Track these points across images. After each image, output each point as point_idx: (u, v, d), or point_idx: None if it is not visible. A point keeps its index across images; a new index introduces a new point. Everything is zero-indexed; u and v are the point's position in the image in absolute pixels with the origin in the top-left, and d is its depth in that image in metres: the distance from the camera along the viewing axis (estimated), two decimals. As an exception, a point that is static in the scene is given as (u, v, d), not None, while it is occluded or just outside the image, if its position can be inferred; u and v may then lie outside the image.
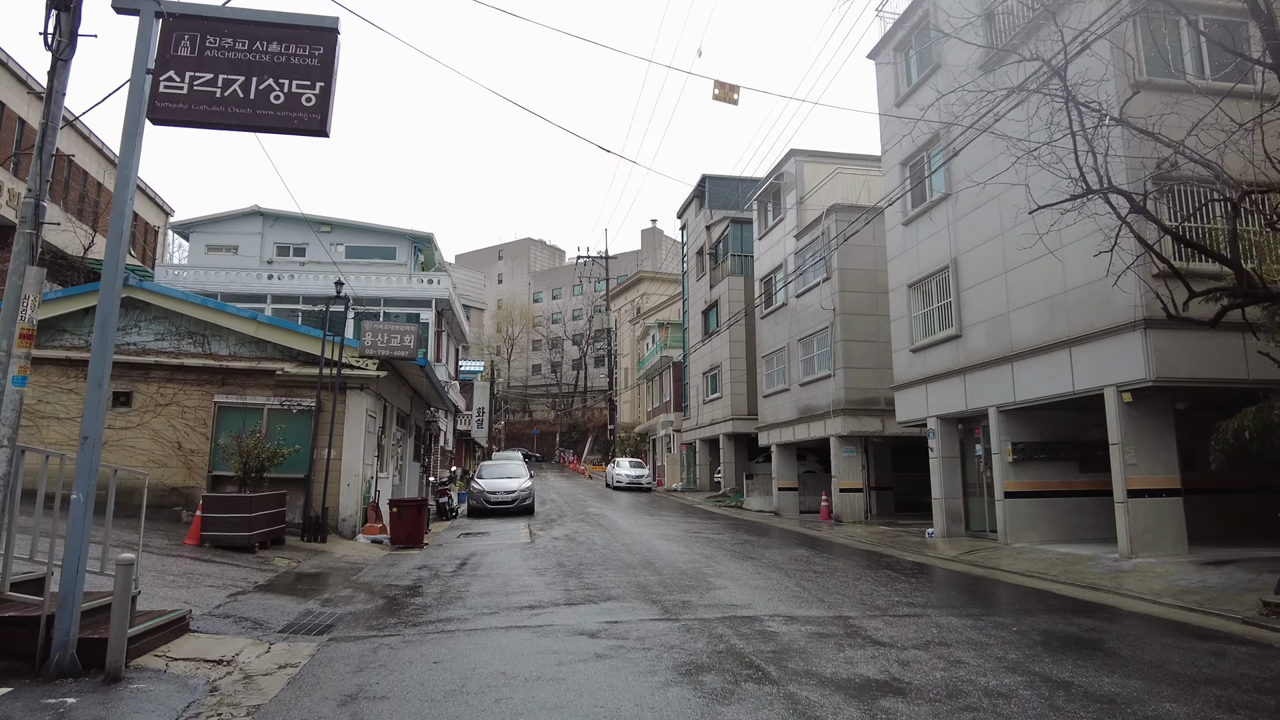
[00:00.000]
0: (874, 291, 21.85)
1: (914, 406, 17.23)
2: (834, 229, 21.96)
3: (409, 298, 28.56)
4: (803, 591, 9.29)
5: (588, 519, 20.58)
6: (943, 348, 16.11)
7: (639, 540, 15.26)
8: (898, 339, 18.01)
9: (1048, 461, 14.34)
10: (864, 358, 21.53)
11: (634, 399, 57.26)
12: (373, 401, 15.85)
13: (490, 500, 22.08)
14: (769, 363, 26.80)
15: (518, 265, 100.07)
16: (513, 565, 11.80)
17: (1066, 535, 14.12)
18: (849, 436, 21.34)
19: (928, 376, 16.56)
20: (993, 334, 14.46)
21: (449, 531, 17.86)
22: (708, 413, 34.62)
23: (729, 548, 14.26)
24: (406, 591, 9.61)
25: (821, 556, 13.37)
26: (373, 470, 16.14)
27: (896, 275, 18.10)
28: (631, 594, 9.05)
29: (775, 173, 26.21)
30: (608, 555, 12.88)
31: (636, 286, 64.00)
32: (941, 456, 16.24)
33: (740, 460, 32.20)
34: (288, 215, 30.09)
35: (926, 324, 16.92)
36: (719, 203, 35.80)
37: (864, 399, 21.32)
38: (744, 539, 16.13)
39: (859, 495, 21.46)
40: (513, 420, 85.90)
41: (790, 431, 24.53)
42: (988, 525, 15.43)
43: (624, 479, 36.70)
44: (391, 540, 14.70)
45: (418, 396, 22.48)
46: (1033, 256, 13.34)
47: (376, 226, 30.43)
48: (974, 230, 15.13)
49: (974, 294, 15.10)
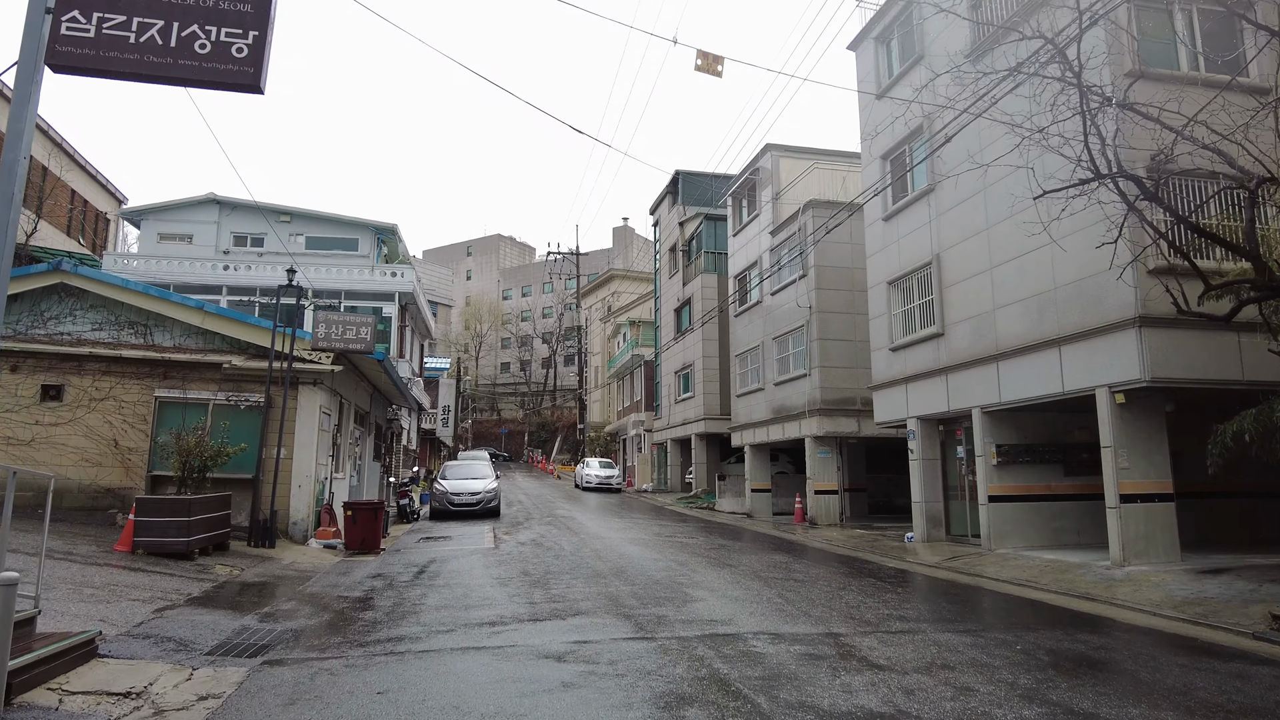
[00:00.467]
0: (851, 289, 21.39)
1: (893, 407, 16.75)
2: (811, 225, 21.46)
3: (371, 291, 27.53)
4: (786, 604, 8.66)
5: (556, 522, 19.83)
6: (924, 347, 15.63)
7: (609, 545, 14.56)
8: (877, 337, 17.52)
9: (1032, 464, 13.91)
10: (840, 357, 21.06)
11: (604, 398, 56.53)
12: (327, 397, 14.96)
13: (454, 502, 21.23)
14: (743, 362, 26.26)
15: (487, 262, 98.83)
16: (474, 574, 11.03)
17: (1050, 541, 13.70)
18: (824, 437, 20.84)
19: (908, 376, 16.09)
20: (977, 332, 14.00)
21: (409, 535, 17.00)
22: (679, 412, 34.02)
23: (704, 553, 13.62)
24: (356, 604, 8.81)
25: (801, 563, 12.79)
26: (327, 470, 15.24)
27: (876, 272, 17.61)
28: (602, 607, 8.35)
29: (750, 168, 25.67)
30: (576, 562, 12.16)
31: (608, 284, 63.25)
32: (922, 459, 15.76)
33: (712, 461, 31.64)
34: (245, 204, 28.87)
35: (907, 322, 16.44)
36: (693, 199, 35.21)
37: (840, 399, 20.85)
38: (719, 543, 15.52)
39: (834, 497, 20.97)
40: (481, 419, 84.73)
41: (764, 432, 24.00)
42: (969, 529, 14.98)
43: (593, 480, 35.94)
44: (346, 545, 13.84)
45: (378, 393, 21.55)
46: (1020, 251, 12.90)
47: (338, 217, 29.34)
48: (957, 225, 14.67)
49: (957, 291, 14.64)
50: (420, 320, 32.84)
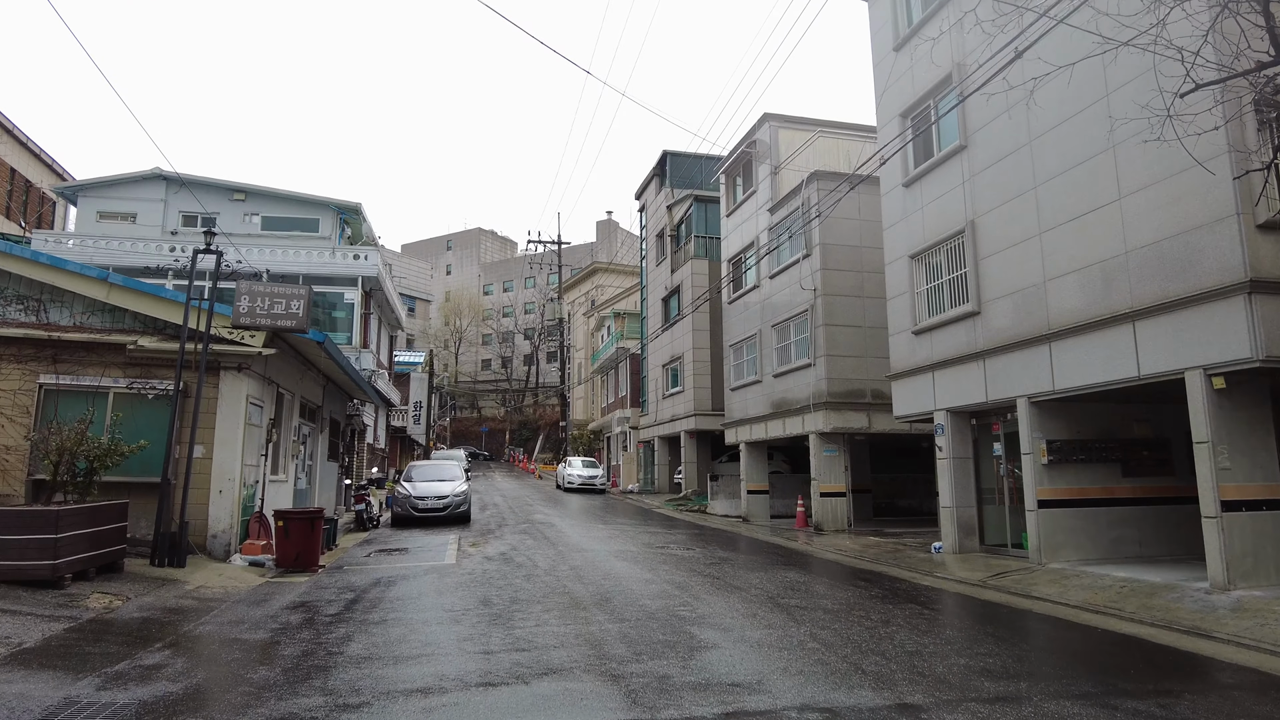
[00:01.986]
0: (860, 270, 19.37)
1: (917, 398, 14.70)
2: (815, 198, 19.40)
3: (331, 274, 25.15)
4: (825, 651, 6.54)
5: (532, 529, 17.64)
6: (955, 328, 13.58)
7: (592, 561, 12.41)
8: (896, 320, 15.46)
9: (1087, 463, 11.89)
10: (849, 345, 19.01)
11: (588, 394, 54.30)
12: (258, 386, 12.69)
13: (418, 508, 18.98)
14: (737, 352, 24.16)
15: (467, 256, 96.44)
16: (422, 603, 8.84)
17: (1109, 552, 11.69)
18: (831, 434, 18.79)
19: (935, 362, 14.03)
20: (1022, 309, 11.95)
21: (361, 547, 14.76)
22: (668, 408, 31.89)
23: (704, 570, 11.49)
24: (252, 654, 6.60)
25: (820, 582, 10.69)
26: (259, 472, 12.98)
27: (895, 246, 15.54)
28: (581, 661, 6.20)
29: (746, 140, 23.57)
30: (551, 586, 9.99)
31: (591, 278, 61.05)
32: (952, 458, 13.72)
33: (703, 460, 29.55)
34: (196, 180, 26.42)
35: (933, 301, 14.39)
36: (681, 182, 33.08)
37: (848, 391, 18.80)
38: (718, 556, 13.40)
39: (841, 500, 18.92)
40: (461, 417, 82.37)
41: (762, 428, 21.92)
42: (1008, 539, 12.96)
43: (576, 480, 33.78)
44: (277, 562, 11.59)
45: (333, 385, 19.27)
46: (1079, 211, 10.86)
47: (297, 195, 26.93)
48: (996, 186, 12.62)
49: (996, 263, 12.59)
50: (389, 309, 30.47)
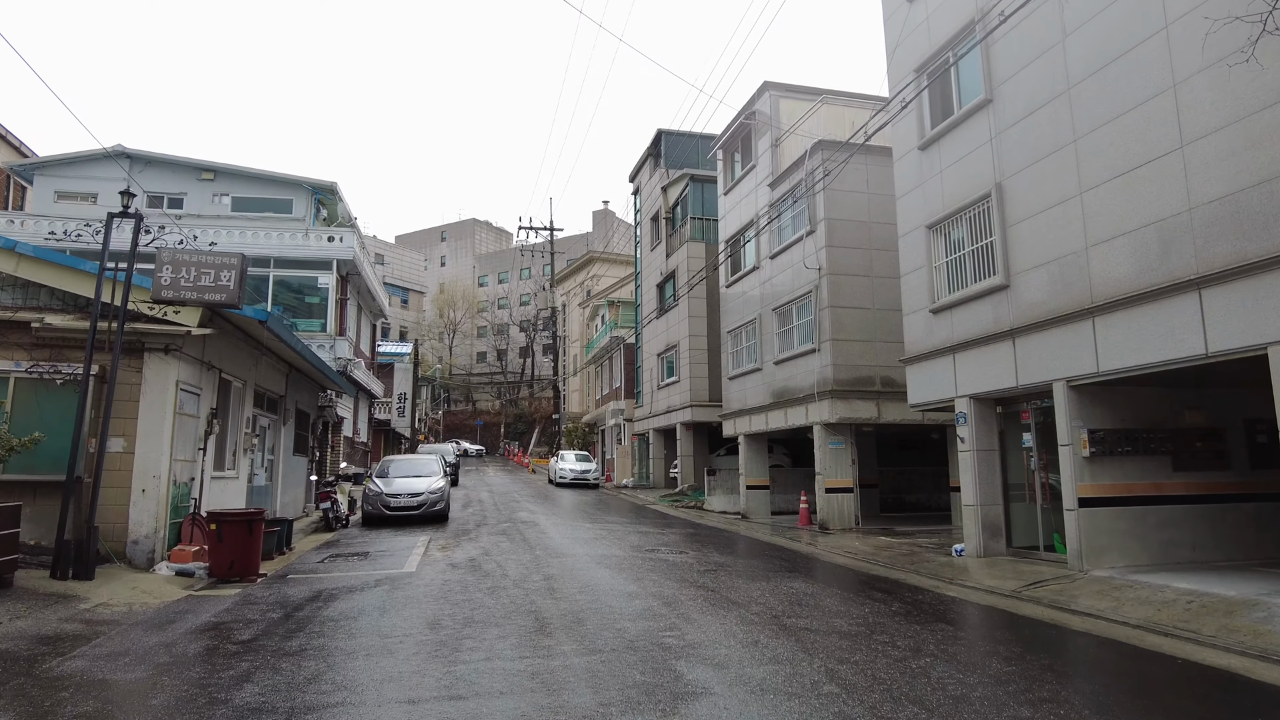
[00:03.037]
0: (868, 247, 17.89)
1: (935, 384, 13.24)
2: (821, 170, 17.90)
3: (304, 258, 23.66)
4: (848, 698, 5.09)
5: (513, 529, 16.20)
6: (979, 305, 12.11)
7: (571, 569, 10.96)
8: (912, 297, 13.98)
9: (1133, 456, 10.44)
10: (856, 328, 17.54)
11: (583, 387, 52.77)
12: (193, 370, 11.21)
13: (390, 506, 17.52)
14: (736, 338, 22.69)
15: (461, 247, 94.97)
16: (356, 627, 7.38)
17: (1160, 557, 10.25)
18: (838, 424, 17.33)
19: (957, 344, 12.57)
20: (1059, 281, 10.48)
21: (318, 551, 13.30)
22: (663, 399, 30.43)
23: (697, 580, 10.04)
24: (107, 706, 5.15)
25: (831, 594, 9.24)
26: (196, 468, 11.51)
27: (910, 216, 14.06)
28: (533, 715, 4.74)
29: (744, 112, 22.04)
30: (517, 602, 8.54)
31: (587, 268, 59.43)
32: (975, 450, 12.26)
33: (700, 453, 28.11)
34: (161, 159, 24.91)
35: (954, 275, 12.92)
36: (677, 162, 31.55)
37: (856, 379, 17.34)
38: (715, 561, 11.95)
39: (848, 496, 17.48)
40: (455, 410, 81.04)
41: (762, 419, 20.47)
42: (1040, 541, 11.52)
43: (568, 475, 32.38)
44: (209, 571, 10.14)
45: (299, 374, 17.79)
46: (1130, 164, 9.38)
47: (269, 174, 25.39)
48: (1028, 142, 11.14)
49: (1028, 230, 11.12)
50: (369, 297, 28.99)
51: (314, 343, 23.30)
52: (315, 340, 23.34)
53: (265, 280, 23.64)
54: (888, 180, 16.87)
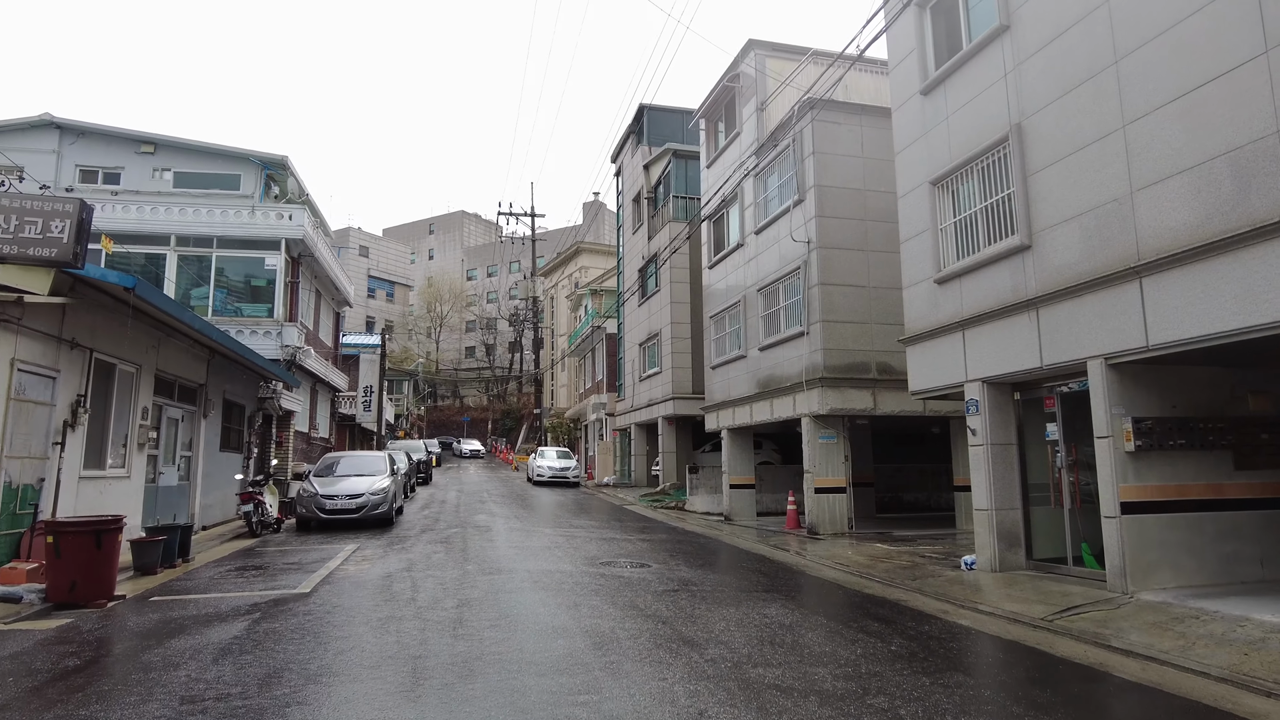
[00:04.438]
0: (864, 218, 15.95)
1: (940, 367, 11.30)
2: (810, 132, 15.97)
3: (250, 237, 21.65)
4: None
5: (459, 536, 14.26)
6: (994, 271, 10.17)
7: (500, 589, 9.02)
8: (913, 267, 12.04)
9: (1188, 450, 8.51)
10: (850, 308, 15.61)
11: (571, 381, 50.84)
12: (43, 349, 9.22)
13: (325, 508, 15.55)
14: (719, 324, 20.75)
15: (450, 240, 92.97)
16: (161, 684, 5.41)
17: (1219, 576, 8.35)
18: (829, 416, 15.41)
19: (966, 318, 10.63)
20: (1096, 235, 8.55)
21: (219, 564, 11.31)
22: (644, 391, 28.48)
23: (650, 606, 8.09)
24: None
25: (816, 626, 7.31)
26: (49, 468, 9.53)
27: (911, 172, 12.12)
28: None
29: (728, 74, 20.06)
30: (405, 642, 6.60)
31: (574, 259, 57.37)
32: (989, 444, 10.34)
33: (684, 449, 26.19)
34: (96, 130, 22.88)
35: (963, 238, 10.98)
36: (660, 139, 29.56)
37: (849, 365, 15.41)
38: (679, 578, 10.01)
39: (840, 497, 15.56)
40: (441, 406, 79.17)
41: (746, 411, 18.54)
42: (1068, 551, 9.61)
43: (546, 472, 30.44)
44: (46, 594, 8.18)
45: (223, 360, 15.80)
46: (1193, 82, 7.44)
47: (215, 147, 23.36)
48: (1054, 71, 9.20)
49: (1055, 177, 9.18)
50: (329, 283, 27.00)
51: (259, 329, 21.39)
52: (261, 327, 21.40)
53: (208, 262, 21.68)
54: (885, 143, 15.00)
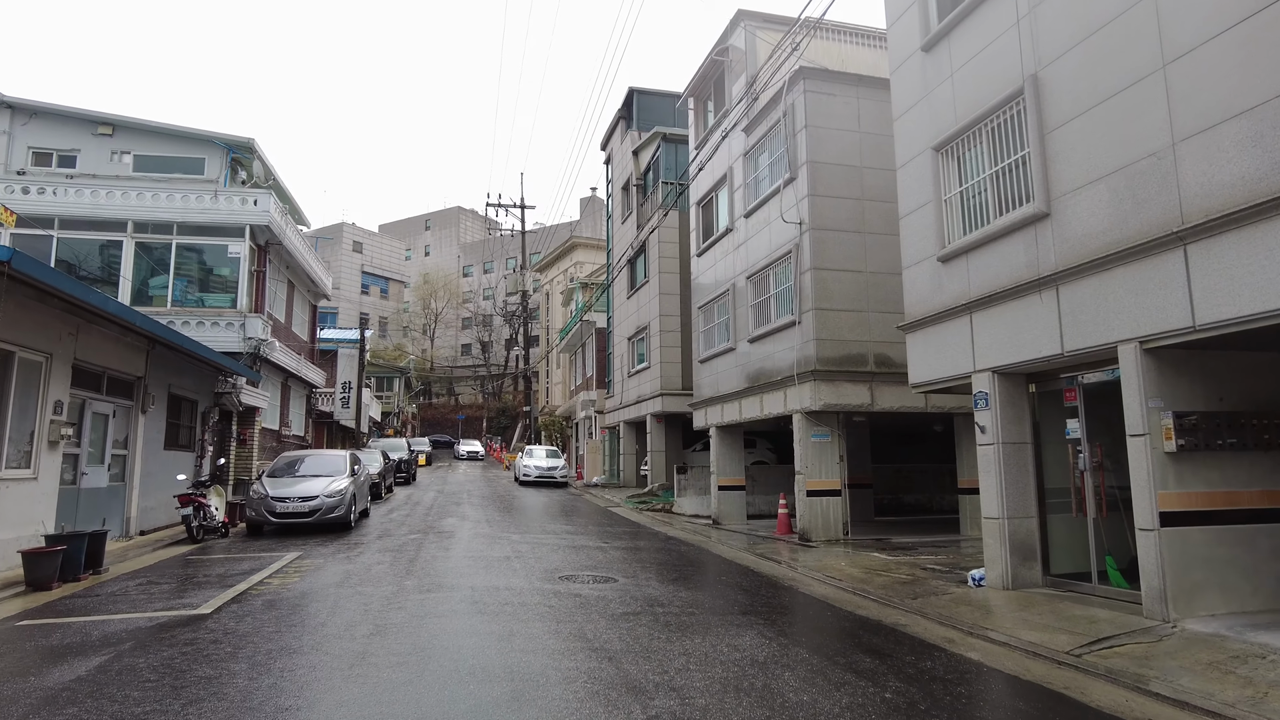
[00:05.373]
0: (861, 197, 14.68)
1: (945, 355, 10.02)
2: (802, 105, 14.70)
3: (212, 223, 20.38)
4: None
5: (416, 543, 13.02)
6: (1007, 244, 8.89)
7: (429, 611, 7.77)
8: (914, 244, 10.76)
9: (1239, 452, 7.23)
10: (845, 295, 14.34)
11: (566, 379, 49.62)
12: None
13: (275, 511, 14.32)
14: (707, 315, 19.48)
15: (446, 236, 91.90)
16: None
17: (1274, 600, 7.08)
18: (822, 412, 14.14)
19: (974, 300, 9.35)
20: (1129, 197, 7.27)
21: (137, 576, 10.06)
22: (633, 387, 27.22)
23: (601, 635, 6.83)
24: None
25: (795, 664, 6.04)
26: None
27: (912, 138, 10.83)
28: None
29: (717, 48, 18.78)
30: (285, 683, 5.36)
31: (570, 255, 56.12)
32: (1000, 443, 9.06)
33: (673, 448, 24.93)
34: (50, 110, 21.66)
35: (970, 209, 9.71)
36: (650, 124, 28.30)
37: (844, 356, 14.15)
38: (646, 596, 8.75)
39: (835, 501, 14.29)
40: (436, 404, 78.19)
41: (735, 408, 17.27)
42: (1092, 566, 8.34)
43: (533, 472, 29.22)
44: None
45: (166, 350, 14.56)
46: (1255, 4, 6.17)
47: (177, 129, 22.14)
48: (1075, 12, 7.92)
49: (1078, 132, 7.91)
50: (301, 272, 25.73)
51: (221, 320, 20.15)
52: (224, 318, 20.16)
53: (167, 250, 20.45)
54: (884, 117, 13.79)
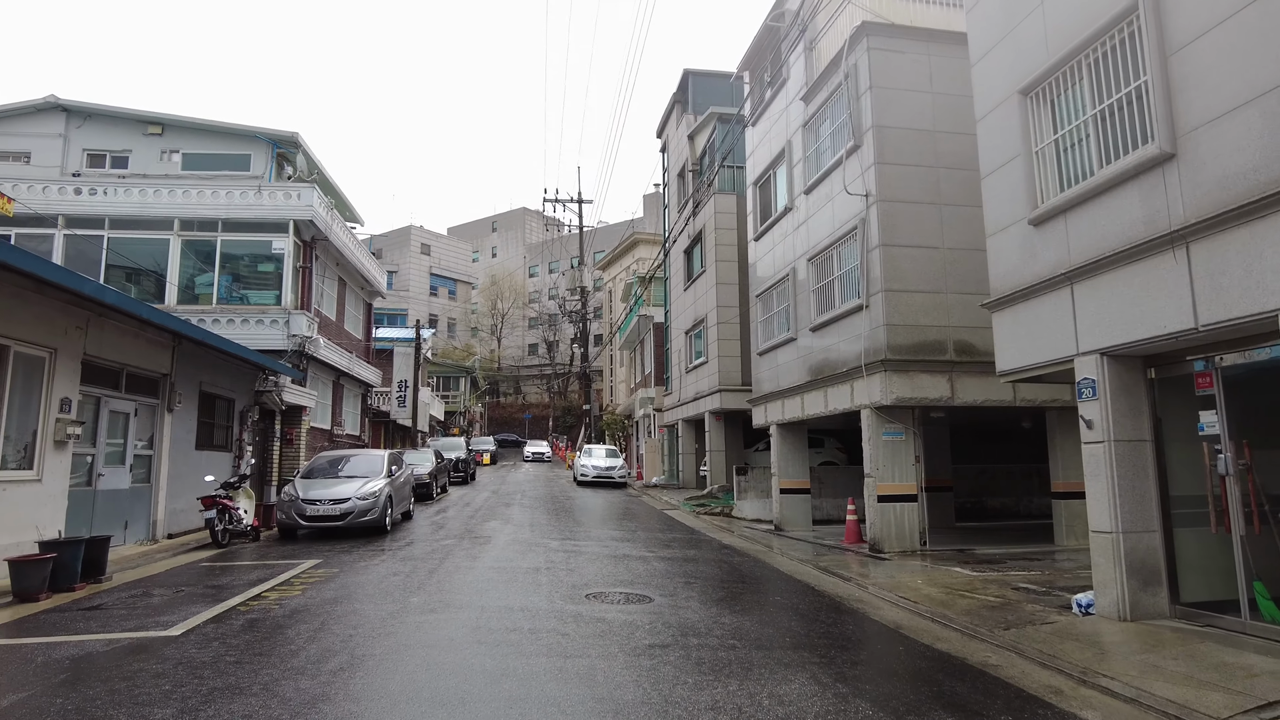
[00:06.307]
0: (934, 165, 13.08)
1: (1040, 336, 8.44)
2: (866, 64, 13.19)
3: (257, 219, 20.03)
4: None
5: (451, 547, 12.06)
6: (1118, 197, 7.29)
7: (428, 638, 6.71)
8: (999, 207, 9.19)
9: None
10: (919, 275, 12.77)
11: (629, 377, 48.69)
12: None
13: (305, 515, 13.62)
14: (765, 303, 18.05)
15: (512, 237, 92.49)
16: None
17: None
18: (894, 408, 12.60)
19: (1076, 268, 7.76)
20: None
21: (130, 590, 9.37)
22: (691, 384, 25.92)
23: (614, 679, 5.61)
24: None
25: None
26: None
27: (992, 86, 9.26)
28: None
29: (773, 14, 17.34)
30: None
31: (632, 251, 55.19)
32: (1112, 440, 7.46)
33: (733, 447, 23.53)
34: (103, 111, 21.70)
35: (1068, 159, 8.11)
36: (706, 107, 26.95)
37: (919, 344, 12.57)
38: (684, 622, 7.48)
39: (910, 506, 12.73)
40: (504, 403, 78.78)
41: (797, 403, 15.82)
42: (1241, 595, 6.69)
43: (590, 472, 28.34)
44: None
45: (194, 346, 14.00)
46: None
47: (223, 126, 21.94)
48: (1212, -100, 6.32)
49: (1211, 49, 6.28)
50: (353, 270, 25.32)
51: (265, 317, 19.77)
52: (268, 315, 19.78)
53: (212, 246, 20.19)
54: (959, 75, 12.26)
